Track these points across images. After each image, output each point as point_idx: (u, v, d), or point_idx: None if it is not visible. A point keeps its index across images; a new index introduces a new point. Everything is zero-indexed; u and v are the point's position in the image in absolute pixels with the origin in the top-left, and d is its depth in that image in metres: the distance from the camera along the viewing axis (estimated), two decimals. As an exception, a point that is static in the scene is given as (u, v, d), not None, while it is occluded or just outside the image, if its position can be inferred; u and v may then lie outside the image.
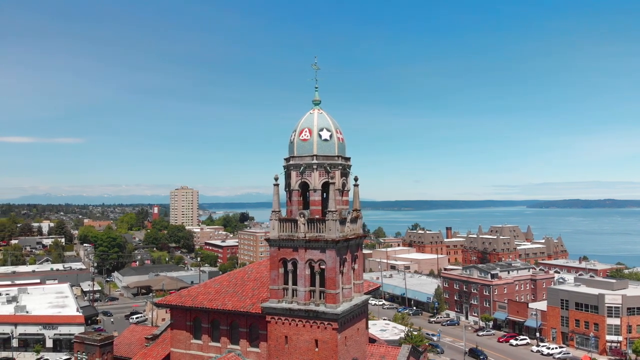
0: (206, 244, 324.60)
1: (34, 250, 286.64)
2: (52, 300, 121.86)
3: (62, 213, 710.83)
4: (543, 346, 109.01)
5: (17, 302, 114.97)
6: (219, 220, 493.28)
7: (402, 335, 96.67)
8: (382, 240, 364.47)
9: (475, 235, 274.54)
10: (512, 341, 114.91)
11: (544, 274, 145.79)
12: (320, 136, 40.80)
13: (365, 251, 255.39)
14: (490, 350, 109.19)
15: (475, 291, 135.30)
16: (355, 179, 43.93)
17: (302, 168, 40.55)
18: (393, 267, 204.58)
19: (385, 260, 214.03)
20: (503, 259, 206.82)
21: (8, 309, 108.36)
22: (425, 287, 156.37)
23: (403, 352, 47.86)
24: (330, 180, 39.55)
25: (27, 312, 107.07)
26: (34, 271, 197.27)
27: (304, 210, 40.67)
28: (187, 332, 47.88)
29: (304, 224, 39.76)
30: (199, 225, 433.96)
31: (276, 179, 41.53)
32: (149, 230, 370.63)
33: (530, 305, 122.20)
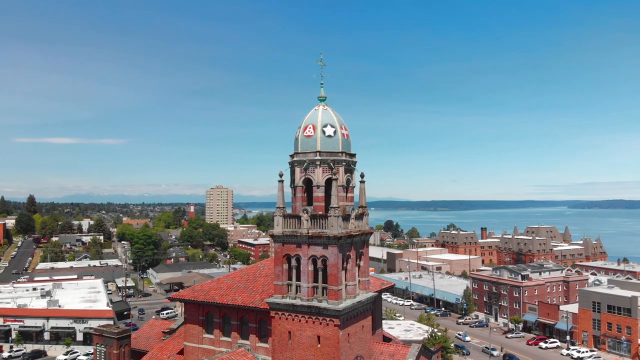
0: (239, 242, 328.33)
1: (73, 247, 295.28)
2: (84, 295, 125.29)
3: (103, 212, 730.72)
4: (573, 349, 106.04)
5: (51, 296, 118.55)
6: (253, 219, 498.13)
7: (426, 335, 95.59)
8: (416, 241, 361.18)
9: (510, 236, 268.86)
10: (542, 344, 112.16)
11: (577, 276, 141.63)
12: (324, 132, 40.72)
13: (396, 251, 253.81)
14: (519, 353, 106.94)
15: (504, 292, 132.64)
16: (362, 176, 43.68)
17: (305, 164, 40.57)
18: (424, 268, 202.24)
19: (415, 261, 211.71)
20: (538, 260, 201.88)
21: (41, 303, 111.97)
22: (454, 288, 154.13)
23: (412, 351, 47.41)
24: (333, 177, 39.47)
25: (59, 306, 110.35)
26: (71, 267, 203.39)
27: (308, 207, 40.71)
28: (200, 327, 48.53)
29: (307, 220, 39.77)
30: (233, 224, 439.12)
31: (281, 176, 41.73)
32: (184, 229, 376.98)
33: (562, 307, 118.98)
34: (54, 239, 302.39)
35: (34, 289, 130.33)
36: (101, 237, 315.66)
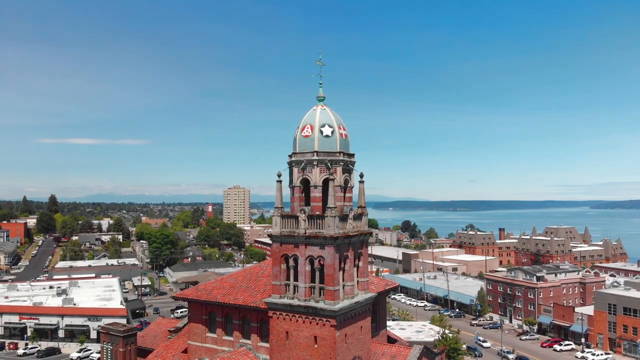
0: (255, 241, 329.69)
1: (92, 246, 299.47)
2: (99, 293, 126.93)
3: (124, 211, 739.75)
4: (588, 352, 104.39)
5: (66, 295, 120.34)
6: (270, 219, 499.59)
7: (437, 337, 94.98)
8: (433, 241, 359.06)
9: (528, 237, 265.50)
10: (556, 346, 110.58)
11: (594, 277, 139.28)
12: (321, 132, 40.62)
13: (411, 252, 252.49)
14: (533, 355, 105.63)
15: (519, 294, 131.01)
16: (361, 176, 43.47)
17: (303, 164, 40.53)
18: (440, 269, 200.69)
19: (430, 262, 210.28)
20: (557, 260, 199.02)
21: (57, 302, 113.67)
22: (469, 289, 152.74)
23: (414, 353, 47.18)
24: (330, 177, 39.37)
25: (74, 304, 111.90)
26: (89, 266, 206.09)
27: (305, 207, 40.66)
28: (203, 326, 48.71)
29: (305, 221, 39.72)
30: (250, 224, 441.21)
31: (279, 176, 41.75)
32: (202, 228, 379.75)
33: (577, 309, 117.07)
34: (74, 238, 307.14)
35: (51, 287, 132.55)
36: (120, 237, 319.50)
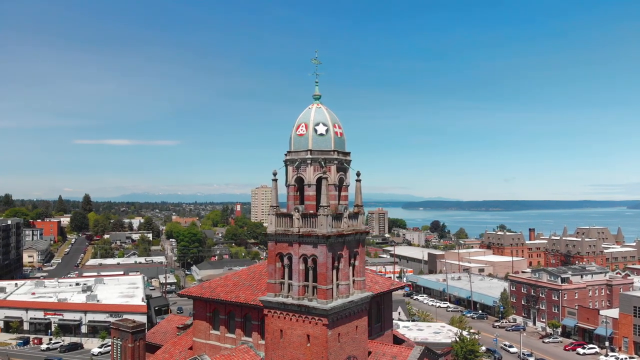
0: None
1: (123, 244, 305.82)
2: (123, 290, 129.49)
3: (157, 210, 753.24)
4: (612, 356, 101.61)
5: (91, 291, 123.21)
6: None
7: (455, 338, 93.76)
8: (463, 242, 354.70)
9: (558, 237, 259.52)
10: (580, 350, 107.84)
11: (621, 279, 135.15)
12: (315, 131, 40.54)
13: (437, 252, 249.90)
14: (555, 358, 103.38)
15: (543, 295, 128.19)
16: (358, 174, 43.20)
17: (297, 163, 40.52)
18: (465, 270, 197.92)
19: (456, 262, 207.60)
20: (587, 262, 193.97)
21: (81, 298, 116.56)
22: (493, 291, 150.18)
23: (414, 353, 46.62)
24: (323, 175, 39.27)
25: (97, 300, 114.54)
26: (118, 264, 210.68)
27: (299, 206, 40.67)
28: (207, 323, 49.22)
29: (299, 219, 39.74)
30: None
31: (274, 175, 41.81)
32: (230, 227, 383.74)
33: (602, 312, 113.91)
34: (105, 236, 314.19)
35: (77, 284, 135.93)
36: (150, 235, 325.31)
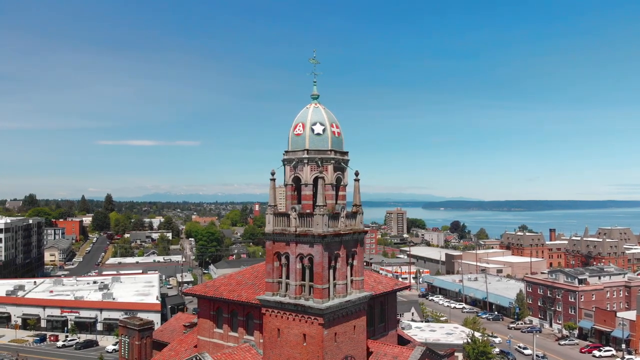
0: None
1: (143, 243, 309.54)
2: (139, 288, 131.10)
3: (178, 210, 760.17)
4: (628, 359, 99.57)
5: (107, 289, 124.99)
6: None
7: (467, 339, 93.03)
8: (483, 242, 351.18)
9: (579, 238, 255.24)
10: (596, 352, 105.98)
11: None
12: (312, 130, 40.57)
13: (455, 253, 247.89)
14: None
15: (559, 297, 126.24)
16: (356, 174, 43.11)
17: (294, 162, 40.67)
18: (483, 270, 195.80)
19: (474, 263, 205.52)
20: (604, 262, 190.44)
21: (97, 296, 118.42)
22: (509, 292, 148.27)
23: (415, 354, 46.41)
24: (319, 175, 39.34)
25: (113, 299, 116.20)
26: (137, 262, 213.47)
27: (296, 205, 40.79)
28: (211, 321, 49.50)
29: (296, 219, 39.86)
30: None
31: (272, 174, 42.02)
32: (248, 226, 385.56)
33: (619, 314, 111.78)
34: (126, 235, 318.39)
35: (94, 282, 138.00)
36: (169, 235, 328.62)
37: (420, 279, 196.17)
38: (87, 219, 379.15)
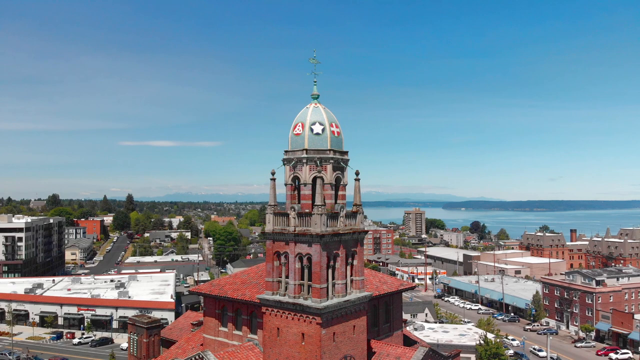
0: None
1: (162, 242, 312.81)
2: (155, 287, 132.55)
3: (199, 210, 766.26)
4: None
5: (124, 288, 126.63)
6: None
7: (480, 341, 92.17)
8: (502, 243, 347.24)
9: (600, 239, 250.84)
10: (612, 354, 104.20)
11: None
12: (312, 130, 40.64)
13: (473, 253, 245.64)
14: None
15: (576, 298, 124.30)
16: (357, 174, 43.08)
17: (293, 162, 40.79)
18: (501, 271, 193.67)
19: (491, 264, 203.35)
20: (623, 264, 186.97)
21: (113, 294, 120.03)
22: (526, 293, 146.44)
23: (417, 355, 46.23)
24: (318, 174, 39.42)
25: (128, 297, 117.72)
26: (155, 261, 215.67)
27: (295, 204, 40.92)
28: (216, 320, 49.91)
29: (295, 218, 40.01)
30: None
31: (273, 174, 42.24)
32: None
33: (637, 316, 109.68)
34: (146, 235, 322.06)
35: (112, 280, 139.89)
36: (188, 234, 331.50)
37: (437, 280, 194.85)
38: (109, 219, 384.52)
